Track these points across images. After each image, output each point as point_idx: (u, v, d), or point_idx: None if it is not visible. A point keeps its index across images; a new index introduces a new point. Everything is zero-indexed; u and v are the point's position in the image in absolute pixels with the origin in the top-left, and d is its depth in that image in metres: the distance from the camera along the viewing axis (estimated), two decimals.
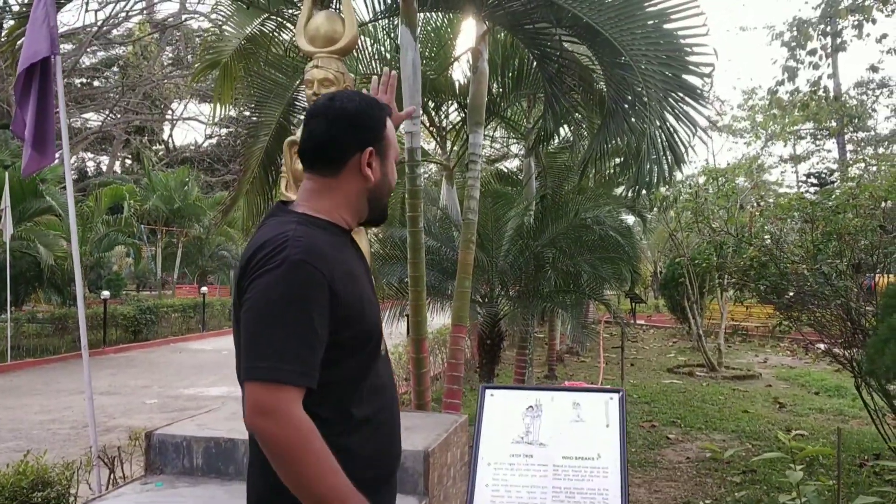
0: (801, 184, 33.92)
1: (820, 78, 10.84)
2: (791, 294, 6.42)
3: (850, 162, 28.73)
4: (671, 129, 4.52)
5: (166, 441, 3.79)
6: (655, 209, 14.45)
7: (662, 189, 10.63)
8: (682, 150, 4.56)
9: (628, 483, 2.27)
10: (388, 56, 7.78)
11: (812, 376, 12.25)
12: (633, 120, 4.76)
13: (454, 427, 4.25)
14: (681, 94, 4.48)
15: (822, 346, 16.85)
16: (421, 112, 5.53)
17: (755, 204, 10.31)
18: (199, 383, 11.28)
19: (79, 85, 25.82)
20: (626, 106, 4.63)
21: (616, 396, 2.42)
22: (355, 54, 7.43)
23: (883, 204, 6.38)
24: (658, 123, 4.33)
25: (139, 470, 4.13)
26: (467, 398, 8.28)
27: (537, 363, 11.41)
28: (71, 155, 26.87)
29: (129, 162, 36.41)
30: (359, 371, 1.69)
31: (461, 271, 5.75)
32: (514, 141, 11.70)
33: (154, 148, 35.99)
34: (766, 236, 6.67)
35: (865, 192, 6.20)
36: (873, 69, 15.58)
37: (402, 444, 1.91)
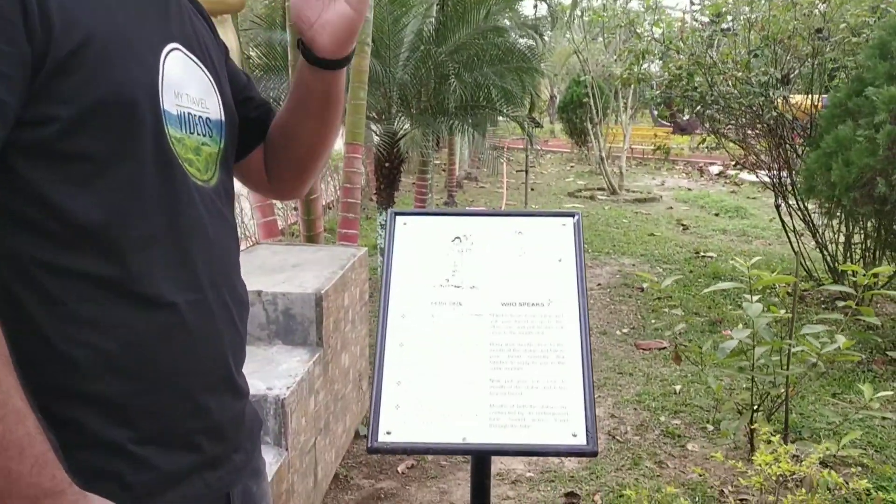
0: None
1: None
2: (720, 105, 5.84)
3: None
4: None
5: None
6: (558, 26, 13.61)
7: None
8: None
9: (589, 334, 1.61)
10: None
11: (711, 198, 12.19)
12: None
13: (352, 262, 3.55)
14: None
15: (715, 167, 16.91)
16: None
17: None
18: None
19: None
20: None
21: (570, 221, 1.74)
22: None
23: (820, 5, 5.77)
24: None
25: None
26: (364, 229, 7.61)
27: (436, 189, 10.78)
28: None
29: None
30: (106, 167, 0.91)
31: (354, 79, 4.85)
32: None
33: None
34: (696, 40, 5.97)
35: None
36: None
37: (231, 379, 1.09)
